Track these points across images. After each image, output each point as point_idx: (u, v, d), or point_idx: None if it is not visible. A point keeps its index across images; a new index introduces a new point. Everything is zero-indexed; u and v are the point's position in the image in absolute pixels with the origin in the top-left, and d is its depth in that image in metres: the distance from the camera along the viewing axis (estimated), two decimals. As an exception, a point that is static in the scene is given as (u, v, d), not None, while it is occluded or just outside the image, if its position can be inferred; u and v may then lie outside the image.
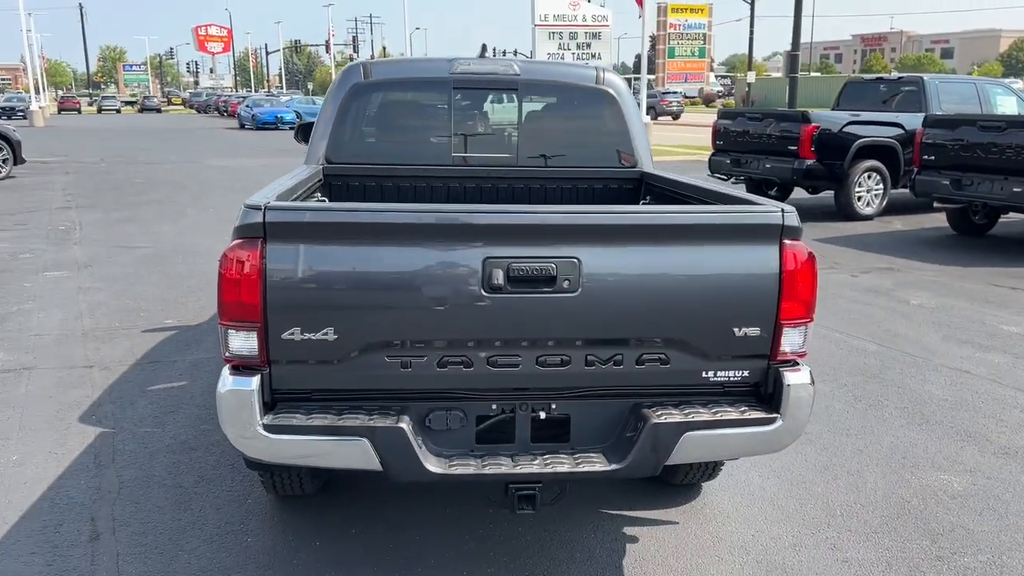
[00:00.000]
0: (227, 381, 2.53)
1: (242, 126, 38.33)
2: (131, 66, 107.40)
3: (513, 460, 2.68)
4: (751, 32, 46.88)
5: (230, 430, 2.55)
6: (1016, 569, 3.20)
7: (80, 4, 71.75)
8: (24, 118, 39.00)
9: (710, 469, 3.58)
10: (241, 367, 2.55)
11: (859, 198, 11.34)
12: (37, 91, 43.32)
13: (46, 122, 40.28)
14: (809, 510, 3.62)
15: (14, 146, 15.71)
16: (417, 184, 4.18)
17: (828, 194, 11.89)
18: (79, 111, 63.47)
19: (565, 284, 2.55)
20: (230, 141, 29.69)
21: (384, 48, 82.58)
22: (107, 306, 6.74)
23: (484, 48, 4.32)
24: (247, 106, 39.51)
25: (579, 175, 4.23)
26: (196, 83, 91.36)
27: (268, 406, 2.58)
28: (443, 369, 2.62)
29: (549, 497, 2.76)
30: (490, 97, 4.35)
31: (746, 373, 2.76)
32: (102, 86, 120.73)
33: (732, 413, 2.72)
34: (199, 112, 63.73)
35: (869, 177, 11.31)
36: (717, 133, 12.68)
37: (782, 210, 2.66)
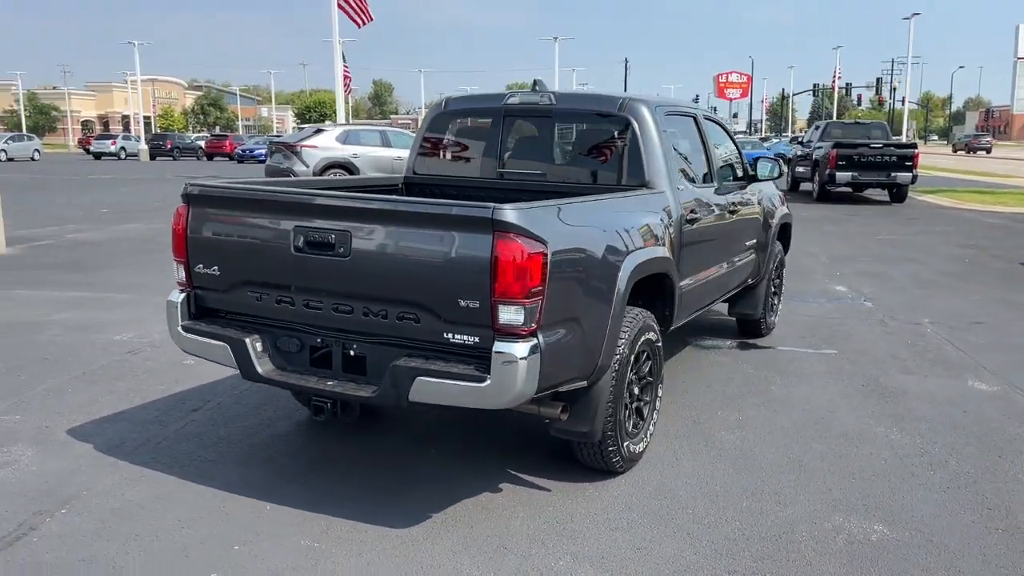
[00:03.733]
0: (170, 296, 3.99)
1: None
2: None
3: (318, 379, 3.67)
4: None
5: (168, 327, 4.00)
6: None
7: (625, 59, 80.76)
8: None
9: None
10: (179, 288, 3.99)
11: None
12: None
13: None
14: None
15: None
16: (470, 194, 5.17)
17: None
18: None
19: (341, 250, 3.48)
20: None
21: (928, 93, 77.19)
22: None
23: (535, 83, 5.10)
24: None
25: (590, 189, 4.80)
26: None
27: (193, 316, 3.97)
28: (279, 305, 3.73)
29: (350, 416, 3.69)
30: (532, 123, 5.15)
31: (477, 339, 3.33)
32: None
33: (456, 368, 3.34)
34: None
35: None
36: None
37: (494, 208, 3.22)
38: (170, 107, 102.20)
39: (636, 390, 4.18)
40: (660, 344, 4.34)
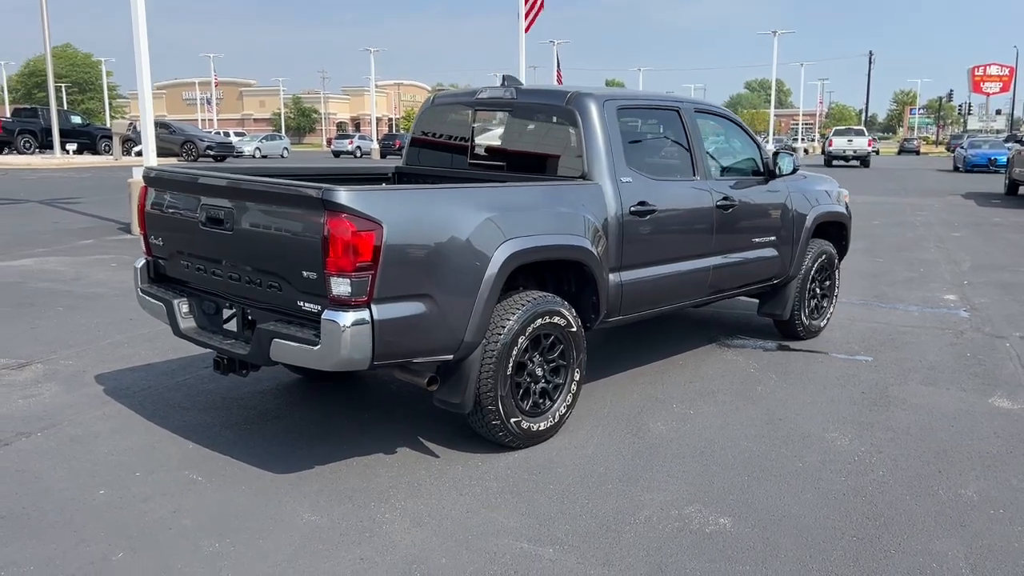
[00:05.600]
0: (135, 262, 4.74)
1: (955, 168, 36.72)
2: (916, 109, 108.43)
3: (222, 339, 4.25)
4: None
5: (134, 287, 4.75)
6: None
7: (870, 52, 75.76)
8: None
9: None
10: (143, 255, 4.73)
11: None
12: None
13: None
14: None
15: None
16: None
17: None
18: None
19: (228, 225, 4.03)
20: (919, 180, 29.30)
21: None
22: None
23: (504, 79, 5.33)
24: (963, 147, 37.66)
25: (539, 179, 5.02)
26: (964, 125, 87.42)
27: (152, 280, 4.69)
28: (197, 273, 4.34)
29: (241, 372, 4.24)
30: (497, 117, 5.42)
31: (319, 307, 3.73)
32: (896, 129, 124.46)
33: (301, 333, 3.77)
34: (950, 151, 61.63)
35: None
36: None
37: (325, 189, 3.61)
38: (412, 109, 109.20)
39: (539, 371, 4.37)
40: (576, 330, 4.49)
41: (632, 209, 4.81)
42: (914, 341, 6.72)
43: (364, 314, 3.58)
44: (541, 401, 4.42)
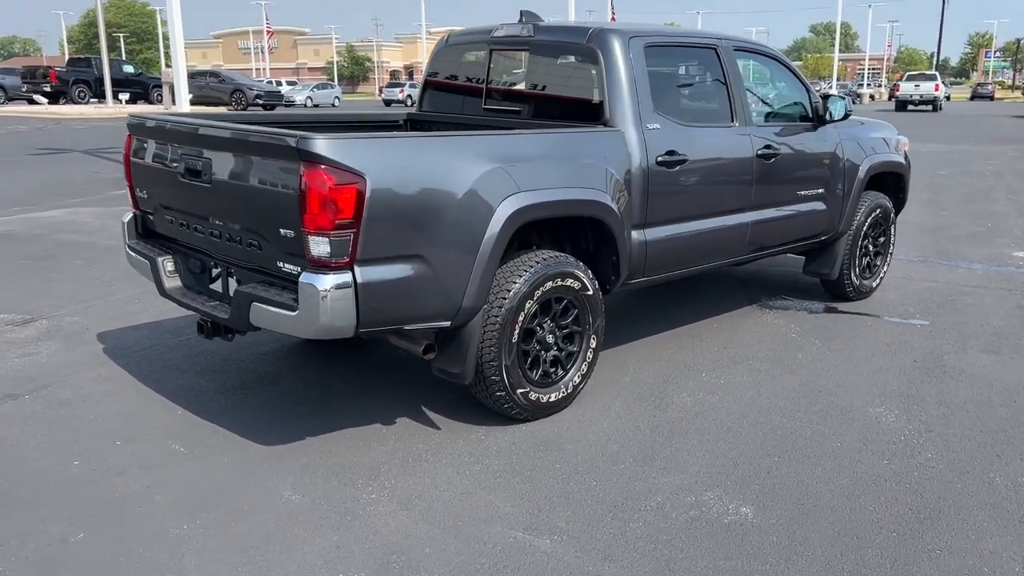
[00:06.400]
0: (123, 217, 4.46)
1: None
2: (991, 52, 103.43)
3: (206, 300, 3.95)
4: None
5: (123, 242, 4.46)
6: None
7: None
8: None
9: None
10: (131, 210, 4.45)
11: None
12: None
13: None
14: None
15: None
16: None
17: None
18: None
19: (205, 177, 3.70)
20: (992, 127, 27.87)
21: None
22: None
23: (522, 14, 4.85)
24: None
25: (554, 125, 4.58)
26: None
27: (140, 235, 4.40)
28: (181, 228, 4.04)
29: (227, 337, 3.95)
30: (515, 57, 4.96)
31: (298, 269, 3.40)
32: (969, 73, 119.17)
33: (280, 297, 3.44)
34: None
35: None
36: None
37: (300, 137, 3.24)
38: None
39: (550, 338, 4.01)
40: (593, 293, 4.10)
41: (659, 159, 4.36)
42: (976, 303, 6.16)
43: (346, 277, 3.24)
44: (552, 370, 4.06)
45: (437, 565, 2.89)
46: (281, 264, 3.43)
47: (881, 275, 6.36)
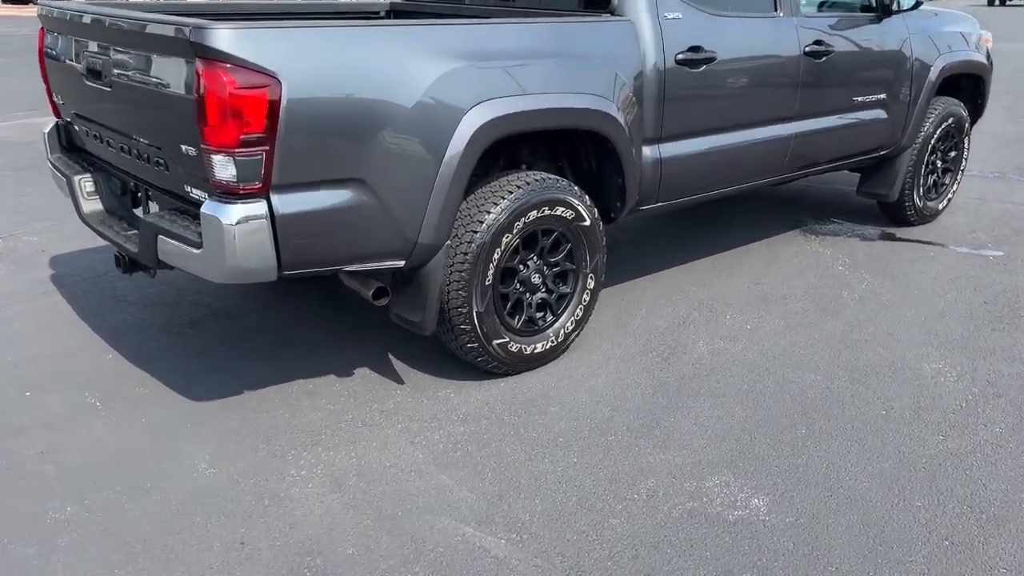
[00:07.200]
0: (45, 126, 3.83)
1: None
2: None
3: (124, 228, 3.33)
4: None
5: (45, 152, 3.83)
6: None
7: None
8: None
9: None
10: (53, 117, 3.80)
11: None
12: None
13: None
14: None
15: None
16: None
17: None
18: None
19: (105, 78, 3.03)
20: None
21: None
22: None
23: None
24: None
25: (551, 14, 3.79)
26: None
27: (64, 148, 3.77)
28: (96, 140, 3.40)
29: (147, 272, 3.34)
30: None
31: (206, 196, 2.76)
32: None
33: (186, 230, 2.80)
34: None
35: None
36: None
37: (194, 27, 2.53)
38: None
39: (535, 279, 3.33)
40: (591, 224, 3.39)
41: (680, 57, 3.56)
42: (1062, 230, 5.27)
43: (258, 207, 2.59)
44: (540, 316, 3.39)
45: (356, 575, 2.30)
46: (189, 189, 2.79)
47: (949, 196, 5.48)
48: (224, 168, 2.55)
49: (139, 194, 3.35)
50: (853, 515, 2.56)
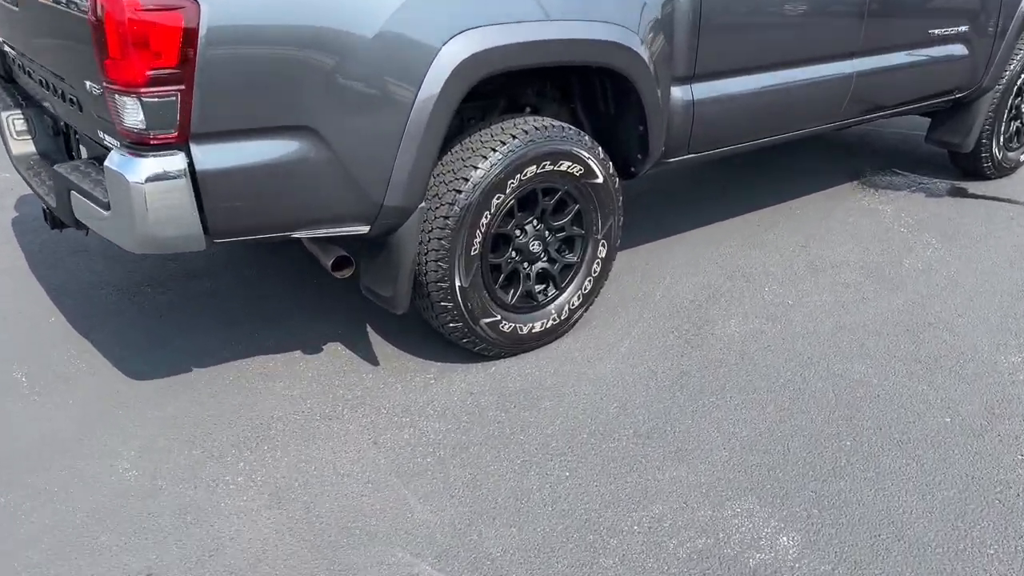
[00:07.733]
0: None
1: None
2: None
3: (40, 178, 2.85)
4: None
5: None
6: None
7: None
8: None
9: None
10: None
11: None
12: None
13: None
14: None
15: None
16: None
17: None
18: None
19: None
20: None
21: None
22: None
23: None
24: None
25: None
26: None
27: (2, 79, 3.28)
28: (22, 72, 2.90)
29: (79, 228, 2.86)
30: None
31: (118, 144, 2.25)
32: None
33: (94, 187, 2.31)
34: None
35: None
36: None
37: None
38: None
39: (535, 246, 2.79)
40: (604, 180, 2.83)
41: (720, -21, 2.91)
42: None
43: (174, 161, 2.07)
44: (540, 290, 2.85)
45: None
46: (103, 135, 2.28)
47: (1033, 146, 4.77)
48: (131, 112, 2.05)
49: (71, 137, 2.85)
50: (906, 566, 2.02)
